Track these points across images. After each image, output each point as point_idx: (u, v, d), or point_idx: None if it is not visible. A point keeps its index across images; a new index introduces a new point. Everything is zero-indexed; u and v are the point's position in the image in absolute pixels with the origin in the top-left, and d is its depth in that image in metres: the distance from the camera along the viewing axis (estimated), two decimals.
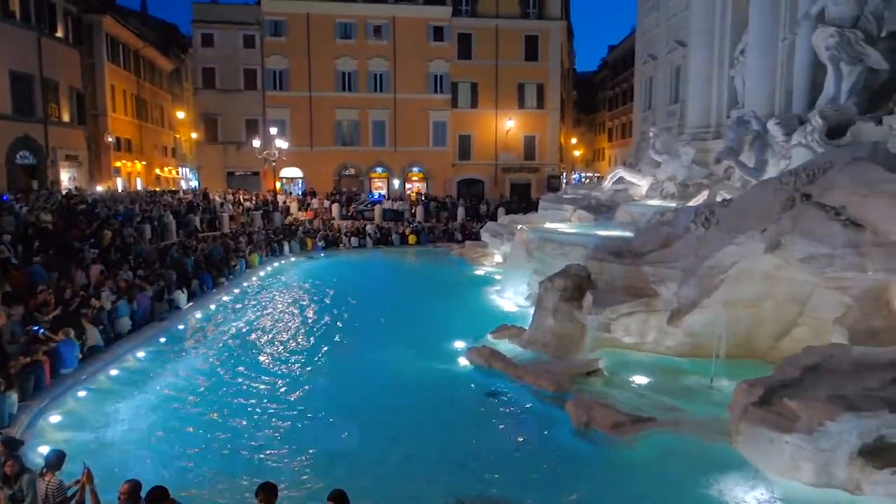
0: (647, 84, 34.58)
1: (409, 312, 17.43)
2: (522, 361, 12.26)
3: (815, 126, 15.23)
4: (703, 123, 24.99)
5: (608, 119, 65.85)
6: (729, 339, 11.45)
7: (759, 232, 10.45)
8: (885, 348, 8.58)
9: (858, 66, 16.45)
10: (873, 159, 10.21)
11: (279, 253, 28.69)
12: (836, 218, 9.70)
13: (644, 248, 13.24)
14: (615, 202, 22.18)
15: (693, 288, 11.25)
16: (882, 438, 7.01)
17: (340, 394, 11.29)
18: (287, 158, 40.29)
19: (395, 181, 48.39)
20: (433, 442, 9.17)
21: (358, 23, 46.22)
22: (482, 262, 26.07)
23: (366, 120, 47.41)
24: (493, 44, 47.85)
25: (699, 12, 25.05)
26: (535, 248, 17.67)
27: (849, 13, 16.40)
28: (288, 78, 46.17)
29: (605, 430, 9.01)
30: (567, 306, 12.90)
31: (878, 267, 9.33)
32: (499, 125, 49.18)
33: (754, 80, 20.99)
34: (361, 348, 14.23)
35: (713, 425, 8.74)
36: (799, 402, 7.42)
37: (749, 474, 7.58)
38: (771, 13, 20.34)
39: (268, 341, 14.96)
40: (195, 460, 8.67)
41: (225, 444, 9.16)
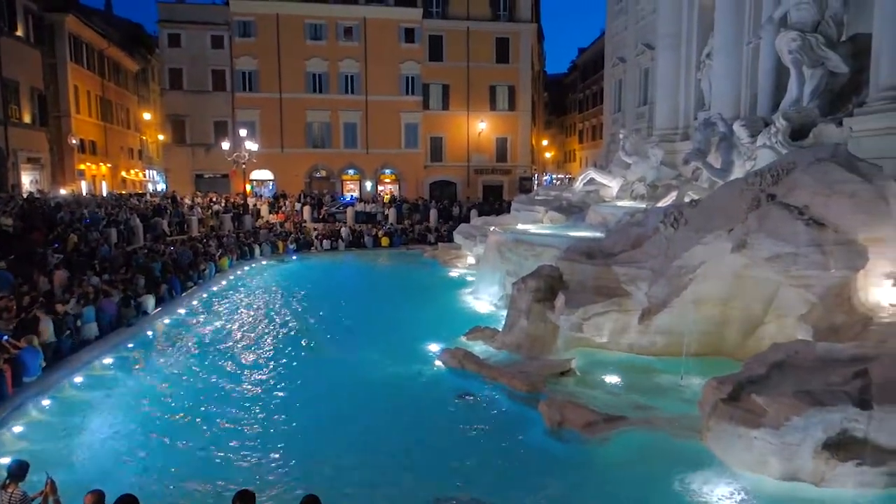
0: (616, 86, 35.04)
1: (382, 315, 17.36)
2: (496, 362, 12.30)
3: (779, 128, 15.58)
4: (671, 125, 25.41)
5: (579, 121, 66.53)
6: (698, 338, 11.65)
7: (726, 232, 10.65)
8: (847, 344, 8.81)
9: (820, 70, 16.89)
10: (834, 160, 10.48)
11: (250, 256, 28.33)
12: (800, 217, 9.93)
13: (615, 248, 13.40)
14: (586, 203, 22.40)
15: (663, 287, 11.41)
16: (845, 432, 7.19)
17: (313, 397, 11.18)
18: (257, 161, 39.84)
19: (367, 183, 48.21)
20: (407, 444, 9.15)
21: (328, 24, 45.95)
22: (455, 263, 26.10)
23: (337, 122, 47.14)
24: (464, 46, 48.01)
25: (666, 16, 25.47)
26: (507, 250, 17.74)
27: (810, 18, 16.83)
28: (257, 79, 45.68)
29: (577, 430, 9.08)
30: (540, 307, 12.98)
31: (839, 265, 9.58)
32: (470, 127, 49.34)
33: (720, 82, 21.41)
34: (334, 351, 14.13)
35: (684, 422, 8.87)
36: (766, 398, 7.58)
37: (718, 470, 7.71)
38: (735, 17, 20.77)
39: (238, 346, 14.75)
40: (165, 468, 8.49)
41: (196, 452, 9.00)
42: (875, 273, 9.92)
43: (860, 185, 10.03)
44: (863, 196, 9.97)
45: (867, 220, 9.86)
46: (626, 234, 13.79)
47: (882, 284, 9.94)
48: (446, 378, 11.99)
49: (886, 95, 14.10)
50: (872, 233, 9.84)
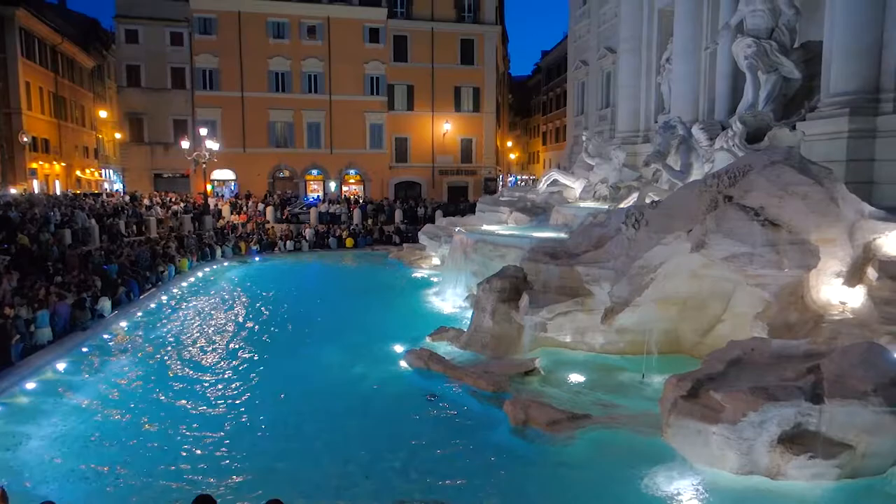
0: (579, 89, 35.50)
1: (346, 316, 17.22)
2: (461, 363, 12.33)
3: (736, 131, 16.00)
4: (632, 128, 25.87)
5: (543, 123, 67.19)
6: (660, 336, 11.88)
7: (685, 232, 10.88)
8: (800, 341, 9.09)
9: (774, 75, 17.42)
10: (788, 163, 10.80)
11: (211, 258, 27.81)
12: (756, 218, 10.21)
13: (578, 248, 13.56)
14: (550, 204, 22.63)
15: (625, 287, 11.60)
16: (799, 426, 7.40)
17: (276, 400, 11.03)
18: (218, 160, 39.11)
19: (331, 183, 47.80)
20: (372, 445, 9.09)
21: (291, 22, 45.42)
22: (420, 264, 26.08)
23: (300, 121, 46.64)
24: (429, 47, 48.03)
25: (627, 21, 25.92)
26: (472, 251, 17.81)
27: (764, 24, 17.34)
28: (218, 77, 44.88)
29: (542, 428, 9.16)
30: (505, 307, 13.06)
31: (793, 264, 9.89)
32: (435, 128, 49.37)
33: (679, 86, 21.89)
34: (298, 354, 13.95)
35: (645, 419, 9.03)
36: (724, 395, 7.76)
37: (679, 465, 7.87)
38: (693, 23, 21.27)
39: (199, 349, 14.45)
40: (121, 476, 8.26)
41: (153, 458, 8.78)
42: (826, 272, 10.27)
43: (812, 188, 10.36)
44: (814, 198, 10.30)
45: (819, 220, 10.20)
46: (588, 234, 13.96)
47: (832, 283, 10.30)
48: (411, 379, 11.96)
49: (836, 101, 14.61)
50: (823, 233, 10.19)
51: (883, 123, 13.94)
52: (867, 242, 10.65)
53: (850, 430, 7.25)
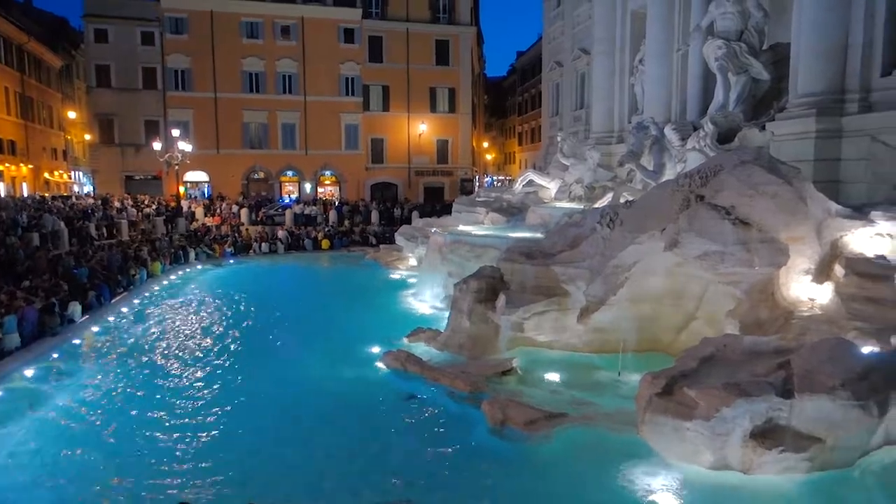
0: (554, 90, 35.75)
1: (323, 318, 17.10)
2: (438, 363, 12.33)
3: (707, 132, 16.26)
4: (606, 128, 26.13)
5: (518, 123, 67.54)
6: (635, 334, 12.01)
7: (658, 231, 11.03)
8: (770, 337, 9.28)
9: (744, 76, 17.75)
10: (758, 163, 11.02)
11: (184, 261, 27.41)
12: (727, 217, 10.40)
13: (554, 248, 13.65)
14: (526, 204, 22.75)
15: (600, 286, 11.71)
16: (771, 420, 7.55)
17: (252, 404, 10.90)
18: (191, 161, 38.56)
19: (306, 185, 47.47)
20: (349, 448, 9.05)
21: (265, 22, 45.02)
22: (397, 265, 26.01)
23: (275, 122, 46.25)
24: (404, 47, 47.97)
25: (601, 23, 26.18)
26: (449, 251, 17.82)
27: (734, 27, 17.66)
28: (191, 77, 44.29)
29: (519, 428, 9.19)
30: (481, 307, 13.09)
31: (763, 262, 10.08)
32: (411, 128, 49.32)
33: (652, 87, 22.17)
34: (273, 356, 13.82)
35: (622, 417, 9.12)
36: (697, 391, 7.88)
37: (654, 461, 7.97)
38: (666, 25, 21.56)
39: (172, 354, 14.23)
40: (93, 486, 8.09)
41: (127, 466, 8.62)
42: (795, 270, 10.50)
43: (781, 187, 10.58)
44: (783, 197, 10.52)
45: (788, 219, 10.42)
46: (564, 234, 14.07)
47: (801, 280, 10.53)
48: (389, 380, 11.92)
49: (804, 102, 14.93)
50: (792, 231, 10.41)
51: (848, 124, 14.28)
52: (834, 240, 10.92)
53: (820, 423, 7.41)
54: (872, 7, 14.06)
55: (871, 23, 14.12)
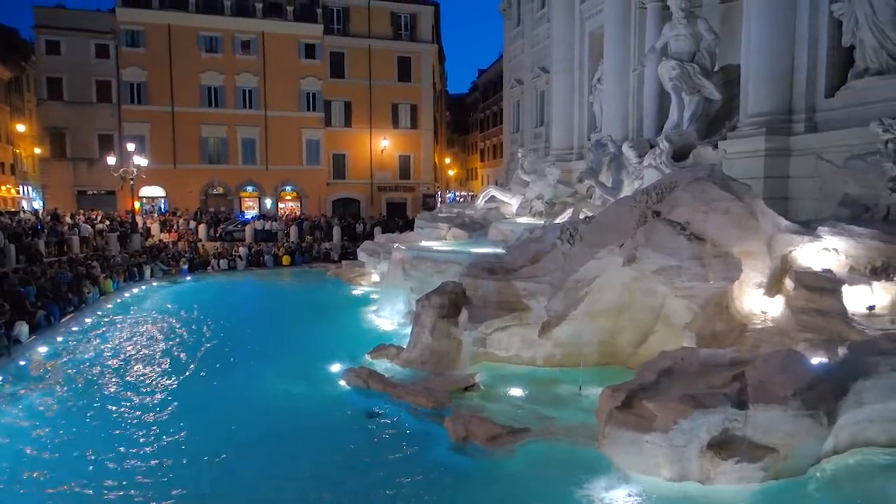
0: (515, 107, 36.24)
1: (283, 336, 16.81)
2: (401, 380, 12.23)
3: (663, 149, 16.70)
4: (566, 145, 26.59)
5: (480, 140, 68.18)
6: (595, 348, 12.16)
7: (617, 246, 11.23)
8: (726, 349, 9.51)
9: (697, 96, 18.32)
10: (711, 179, 11.35)
11: (139, 278, 26.68)
12: (682, 233, 10.66)
13: (515, 264, 13.76)
14: (488, 220, 22.90)
15: (561, 301, 11.84)
16: (727, 431, 7.71)
17: (208, 425, 10.60)
18: (147, 176, 37.70)
19: (267, 200, 46.90)
20: (310, 468, 8.88)
21: (224, 37, 44.61)
22: (359, 281, 25.81)
23: (234, 137, 45.69)
24: (366, 63, 48.08)
25: (559, 42, 26.74)
26: (411, 267, 17.78)
27: (687, 48, 18.25)
28: (147, 91, 43.49)
29: (482, 443, 9.17)
30: (444, 323, 13.08)
31: (717, 276, 10.35)
32: (373, 144, 49.31)
33: (610, 106, 22.69)
34: (231, 376, 13.50)
35: (583, 431, 9.18)
36: (656, 404, 7.99)
37: (615, 475, 8.03)
38: (622, 46, 22.14)
39: (125, 375, 13.76)
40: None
41: (78, 488, 8.27)
42: (748, 283, 10.80)
43: (733, 203, 10.90)
44: (735, 212, 10.85)
45: (740, 234, 10.73)
46: (525, 249, 14.20)
47: (754, 294, 10.84)
48: (351, 398, 11.77)
49: (754, 121, 15.49)
50: (745, 246, 10.73)
51: (796, 143, 14.87)
52: (784, 254, 11.29)
53: (773, 433, 7.59)
54: (816, 33, 14.73)
55: (814, 47, 14.79)
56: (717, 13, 19.69)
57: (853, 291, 10.16)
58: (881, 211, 11.98)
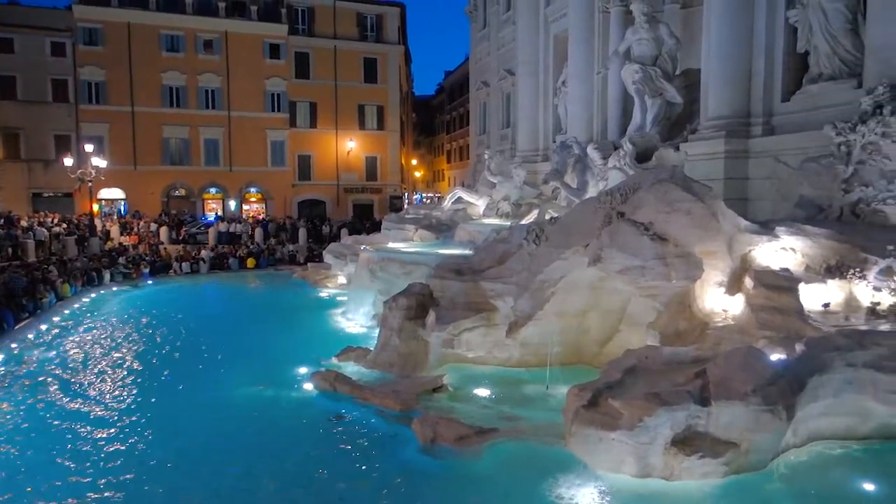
0: (481, 109, 36.42)
1: (248, 340, 16.55)
2: (368, 382, 12.15)
3: (627, 151, 16.97)
4: (532, 147, 26.82)
5: (447, 141, 68.29)
6: (562, 348, 12.27)
7: (582, 247, 11.36)
8: (688, 347, 9.69)
9: (659, 99, 18.68)
10: (673, 181, 11.56)
11: (98, 282, 25.97)
12: (646, 233, 10.82)
13: (482, 265, 13.80)
14: (455, 221, 22.96)
15: (527, 301, 11.91)
16: (690, 428, 7.85)
17: (173, 432, 10.36)
18: (106, 178, 36.76)
19: (231, 202, 46.18)
20: (276, 474, 8.75)
21: (186, 36, 43.80)
22: (326, 284, 25.59)
23: (197, 138, 44.87)
24: (332, 64, 47.75)
25: (525, 45, 26.98)
26: (378, 269, 17.69)
27: (649, 52, 18.60)
28: (106, 91, 42.42)
29: (450, 445, 9.16)
30: (411, 325, 13.04)
31: (680, 275, 10.54)
32: (339, 145, 48.98)
33: (574, 108, 22.98)
34: (194, 381, 13.22)
35: (550, 430, 9.25)
36: (621, 402, 8.10)
37: (582, 472, 8.10)
38: (586, 49, 22.44)
39: (84, 382, 13.36)
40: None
41: (36, 501, 7.99)
42: (709, 282, 11.03)
43: (695, 204, 11.12)
44: (697, 213, 11.07)
45: (701, 234, 10.95)
46: (492, 250, 14.26)
47: (715, 292, 11.07)
48: (317, 401, 11.64)
49: (713, 124, 15.84)
50: (706, 246, 10.95)
51: (754, 145, 15.26)
52: (744, 254, 11.56)
53: (735, 429, 7.76)
54: (772, 39, 15.15)
55: (771, 53, 15.21)
56: (677, 18, 20.13)
57: (809, 289, 10.45)
58: (835, 211, 12.37)
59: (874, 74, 12.49)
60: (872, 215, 11.83)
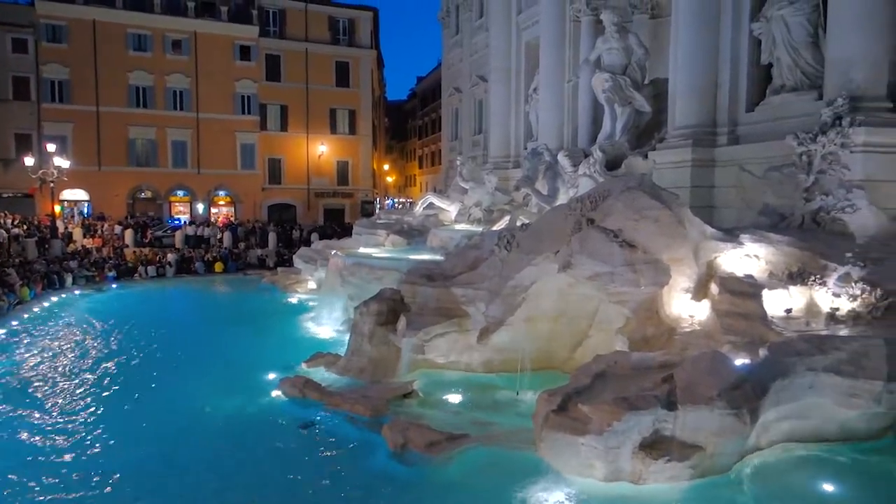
0: (453, 115, 36.54)
1: (215, 346, 16.26)
2: (338, 388, 12.05)
3: (597, 159, 17.17)
4: (503, 153, 26.98)
5: (419, 147, 68.31)
6: (532, 353, 12.31)
7: (553, 253, 11.44)
8: (656, 352, 9.82)
9: (628, 108, 18.97)
10: (641, 189, 11.73)
11: (59, 286, 25.29)
12: (615, 240, 10.96)
13: (454, 270, 13.81)
14: (426, 227, 22.94)
15: (499, 307, 11.95)
16: (657, 432, 7.95)
17: (134, 441, 10.11)
18: (69, 179, 35.86)
19: (198, 205, 45.44)
20: (244, 482, 8.60)
21: (154, 35, 43.07)
22: (295, 289, 25.34)
23: (164, 139, 44.09)
24: (303, 67, 47.43)
25: (497, 52, 27.16)
26: (349, 274, 17.58)
27: (619, 62, 18.88)
28: (69, 89, 41.44)
29: (420, 451, 9.12)
30: (382, 330, 12.97)
31: (648, 282, 10.69)
32: (311, 149, 48.62)
33: (545, 115, 23.20)
34: (159, 389, 12.94)
35: (520, 435, 9.27)
36: (590, 407, 8.17)
37: (551, 477, 8.15)
38: (557, 57, 22.69)
39: (44, 389, 12.97)
40: None
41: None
42: (676, 288, 11.21)
43: (662, 211, 11.30)
44: (664, 221, 11.25)
45: (669, 241, 11.13)
46: (464, 256, 14.27)
47: (682, 298, 11.26)
48: (286, 408, 11.49)
49: (681, 133, 16.15)
50: (673, 253, 11.13)
51: (720, 154, 15.60)
52: (710, 261, 11.78)
53: (701, 432, 7.88)
54: (737, 51, 15.52)
55: (736, 64, 15.58)
56: (646, 28, 20.49)
57: (772, 295, 10.70)
58: (797, 219, 12.70)
59: (834, 87, 12.87)
60: (832, 223, 12.18)
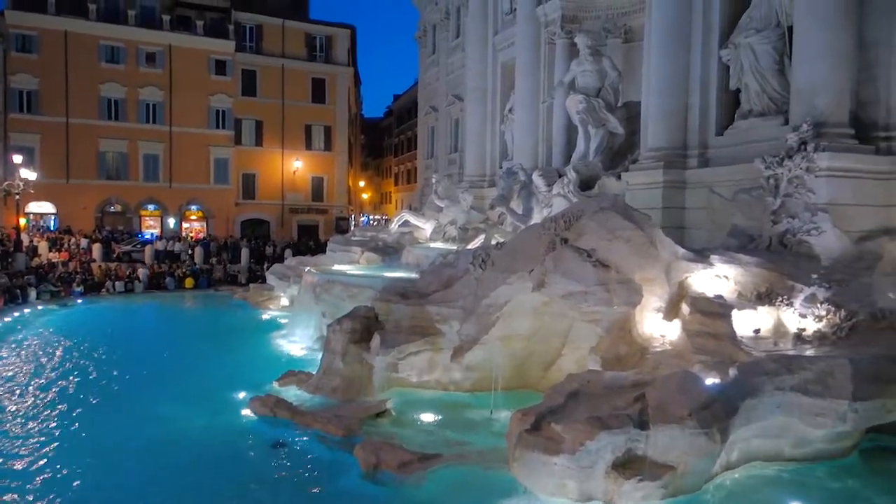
0: (429, 133, 36.73)
1: (184, 363, 15.94)
2: (310, 407, 11.89)
3: (571, 179, 17.39)
4: (479, 172, 27.16)
5: (394, 164, 68.40)
6: (506, 372, 12.31)
7: (527, 272, 11.50)
8: (629, 372, 9.89)
9: (602, 130, 19.30)
10: (614, 209, 11.89)
11: (23, 300, 24.62)
12: (588, 259, 11.06)
13: (428, 288, 13.78)
14: (401, 244, 22.91)
15: (473, 325, 11.95)
16: (630, 451, 7.98)
17: (99, 464, 9.79)
18: (36, 191, 35.07)
19: (170, 220, 44.76)
20: (211, 503, 8.41)
21: (127, 48, 42.63)
22: (268, 305, 25.04)
23: (136, 152, 43.47)
24: (279, 83, 47.32)
25: (473, 72, 27.46)
26: (323, 291, 17.42)
27: (593, 84, 19.23)
28: (38, 100, 40.72)
29: (393, 471, 9.03)
30: (356, 348, 12.86)
31: (621, 301, 10.80)
32: (285, 165, 48.37)
33: (520, 135, 23.46)
34: (126, 408, 12.60)
35: (494, 455, 9.23)
36: (563, 426, 8.16)
37: (525, 497, 8.11)
38: (532, 78, 23.02)
39: (4, 408, 12.56)
40: None
41: None
42: (648, 308, 11.33)
43: (635, 232, 11.46)
44: (637, 241, 11.40)
45: (641, 261, 11.27)
46: (438, 274, 14.27)
47: (654, 318, 11.38)
48: (256, 428, 11.29)
49: (652, 155, 16.45)
50: (645, 273, 11.27)
51: (690, 176, 15.91)
52: (681, 281, 11.95)
53: (672, 451, 7.93)
54: (707, 76, 15.92)
55: (706, 89, 15.97)
56: (619, 52, 20.93)
57: (741, 315, 10.88)
58: (765, 241, 12.97)
59: (799, 113, 13.26)
60: (798, 245, 12.46)
